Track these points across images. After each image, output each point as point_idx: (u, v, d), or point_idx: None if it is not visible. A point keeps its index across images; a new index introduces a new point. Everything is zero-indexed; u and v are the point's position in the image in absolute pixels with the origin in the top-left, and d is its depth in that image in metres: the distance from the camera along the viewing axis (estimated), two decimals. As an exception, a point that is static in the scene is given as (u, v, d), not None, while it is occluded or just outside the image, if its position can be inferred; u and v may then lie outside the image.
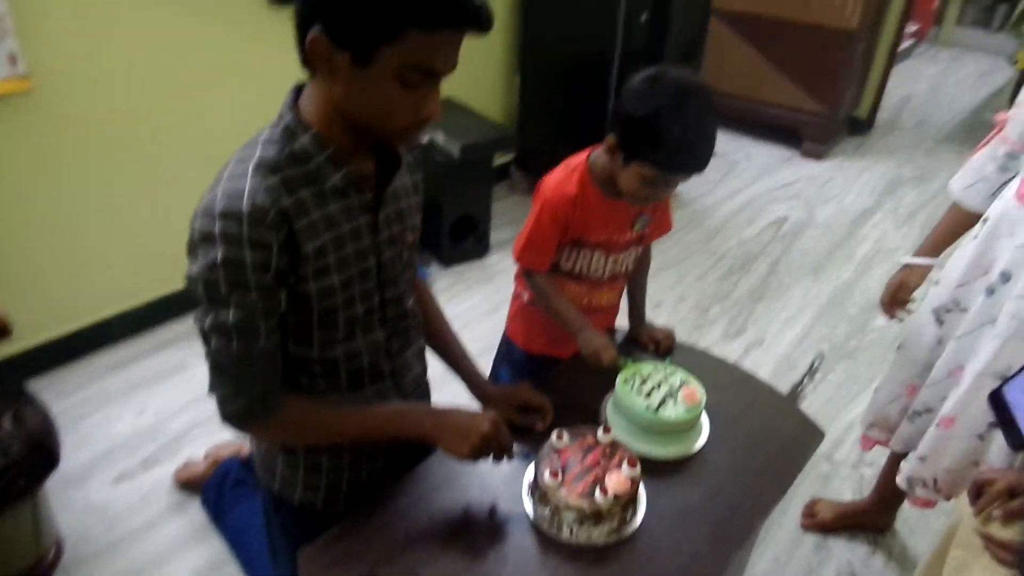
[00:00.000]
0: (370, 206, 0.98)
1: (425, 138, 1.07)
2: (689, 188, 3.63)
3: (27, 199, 1.98)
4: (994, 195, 1.38)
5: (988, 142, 1.40)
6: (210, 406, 0.91)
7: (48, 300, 2.12)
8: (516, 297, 1.53)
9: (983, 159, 1.40)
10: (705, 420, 1.27)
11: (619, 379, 1.27)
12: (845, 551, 1.80)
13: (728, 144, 4.20)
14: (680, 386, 1.26)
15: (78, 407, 2.05)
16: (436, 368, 1.26)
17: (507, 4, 3.06)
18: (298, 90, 0.95)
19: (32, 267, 2.04)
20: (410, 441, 1.07)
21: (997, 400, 1.02)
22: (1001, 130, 1.37)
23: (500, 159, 3.31)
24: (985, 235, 1.36)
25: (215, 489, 1.70)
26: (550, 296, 1.39)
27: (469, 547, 1.05)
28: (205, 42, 2.20)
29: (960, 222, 1.46)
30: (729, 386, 1.40)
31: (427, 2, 0.78)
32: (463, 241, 2.82)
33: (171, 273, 2.40)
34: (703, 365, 1.41)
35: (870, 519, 1.82)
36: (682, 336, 1.52)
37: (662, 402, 1.22)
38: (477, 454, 1.03)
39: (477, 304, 2.56)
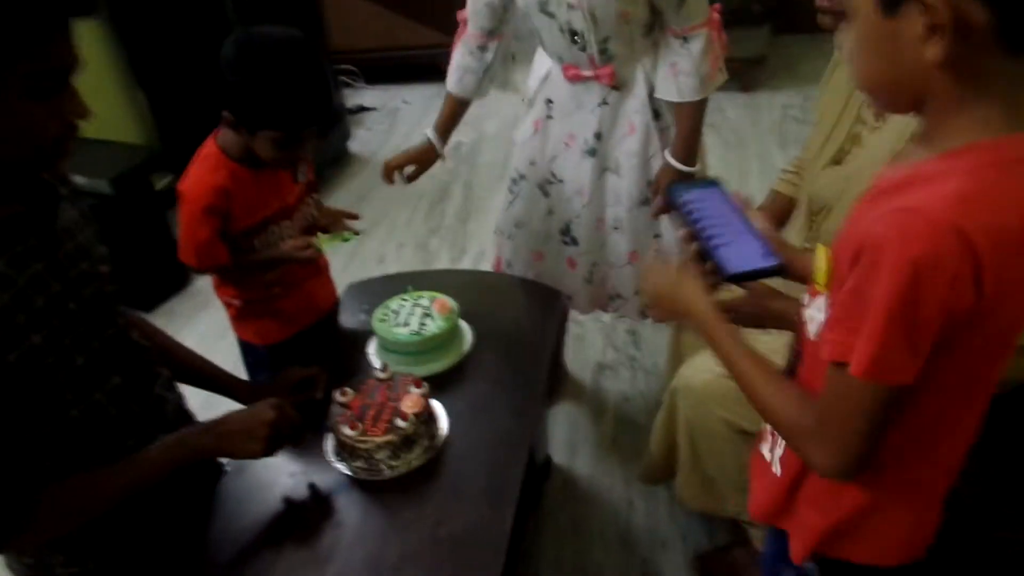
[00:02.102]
0: (40, 250, 0.87)
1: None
2: (363, 147, 3.68)
3: None
4: (482, 79, 1.66)
5: (457, 41, 1.65)
6: None
7: None
8: (228, 306, 1.45)
9: (462, 56, 1.65)
10: (465, 325, 1.38)
11: (374, 320, 1.32)
12: (613, 394, 2.09)
13: (384, 96, 4.30)
14: (431, 303, 1.34)
15: None
16: (198, 396, 1.17)
17: (94, 28, 2.72)
18: None
19: None
20: (198, 461, 1.00)
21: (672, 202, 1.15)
22: (465, 27, 1.63)
23: (161, 182, 3.02)
24: (559, 114, 1.62)
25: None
26: (246, 265, 1.33)
27: (307, 533, 1.04)
28: None
29: (457, 110, 1.72)
30: (471, 287, 1.52)
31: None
32: (158, 277, 2.57)
33: None
34: (442, 280, 1.51)
35: None
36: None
37: (421, 323, 1.30)
38: (271, 445, 1.01)
39: (204, 332, 2.38)
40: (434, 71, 4.33)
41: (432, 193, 3.17)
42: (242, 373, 1.51)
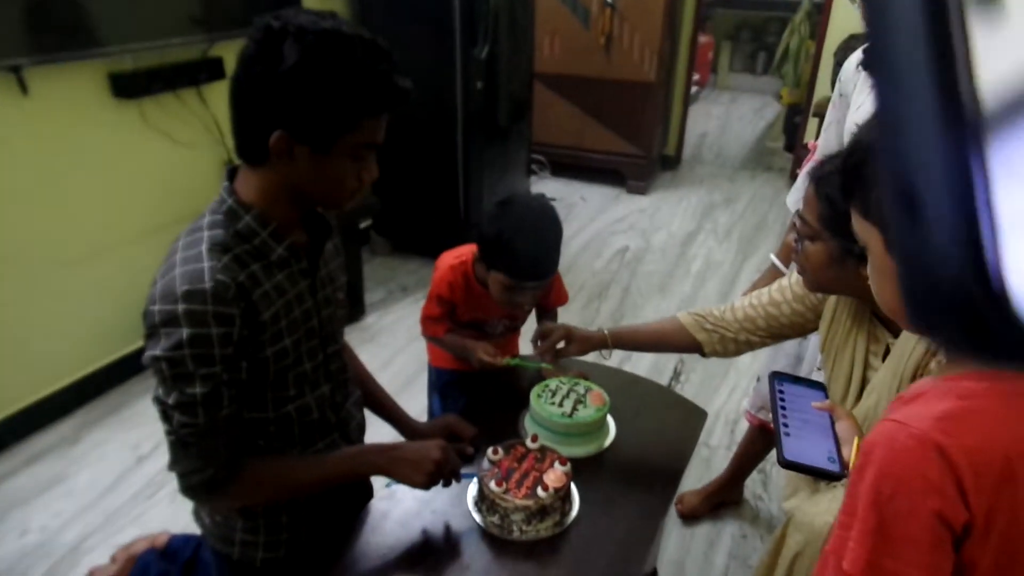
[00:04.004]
0: (307, 271, 1.09)
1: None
2: (538, 232, 3.94)
3: None
4: None
5: (806, 164, 1.78)
6: (102, 511, 0.91)
7: None
8: (424, 336, 1.69)
9: (804, 178, 1.75)
10: (610, 419, 1.47)
11: (532, 395, 1.44)
12: (731, 525, 2.06)
13: (563, 190, 4.61)
14: (586, 392, 1.45)
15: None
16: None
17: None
18: (230, 174, 1.04)
19: None
20: (365, 477, 1.15)
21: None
22: (813, 154, 1.75)
23: (364, 222, 3.42)
24: None
25: (135, 589, 1.63)
26: (445, 343, 1.61)
27: (433, 566, 1.15)
28: (52, 145, 2.16)
29: None
30: (622, 388, 1.61)
31: (375, 95, 0.93)
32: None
33: (34, 381, 2.26)
34: (596, 373, 1.62)
35: (726, 494, 2.11)
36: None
37: (574, 407, 1.41)
38: (432, 480, 1.14)
39: (366, 363, 2.62)
40: (612, 175, 4.61)
41: (591, 288, 3.32)
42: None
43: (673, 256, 3.73)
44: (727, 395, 2.59)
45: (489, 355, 1.49)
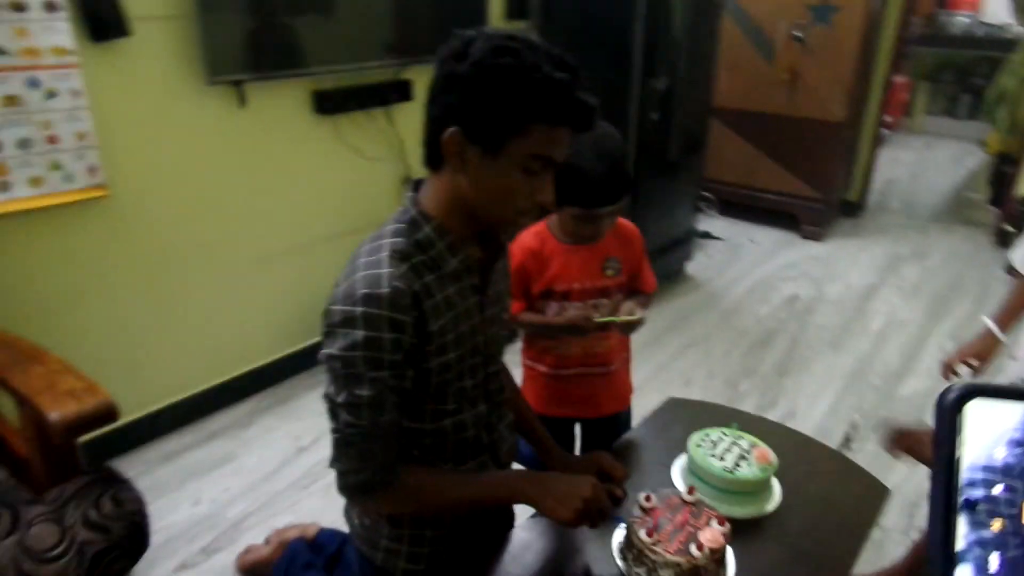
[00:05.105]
0: (478, 287, 1.09)
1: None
2: (699, 271, 3.78)
3: (89, 295, 2.08)
4: None
5: None
6: (263, 493, 0.94)
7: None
8: (526, 367, 1.65)
9: None
10: (775, 482, 1.34)
11: (691, 443, 1.35)
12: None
13: (731, 229, 4.41)
14: (750, 448, 1.34)
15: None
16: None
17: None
18: (415, 185, 1.07)
19: (94, 361, 2.11)
20: (512, 504, 1.13)
21: None
22: None
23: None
24: None
25: (282, 574, 1.72)
26: (523, 320, 1.52)
27: (572, 608, 1.10)
28: (261, 152, 2.38)
29: None
30: (790, 449, 1.47)
31: (549, 101, 0.91)
32: (494, 327, 2.92)
33: (220, 364, 2.48)
34: (761, 429, 1.49)
35: None
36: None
37: (736, 463, 1.30)
38: (580, 518, 1.08)
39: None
40: (785, 218, 4.35)
41: (755, 335, 3.13)
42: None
43: (850, 310, 3.43)
44: (907, 471, 2.30)
45: (579, 317, 1.43)
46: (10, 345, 1.48)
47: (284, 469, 2.21)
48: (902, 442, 1.34)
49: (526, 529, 1.25)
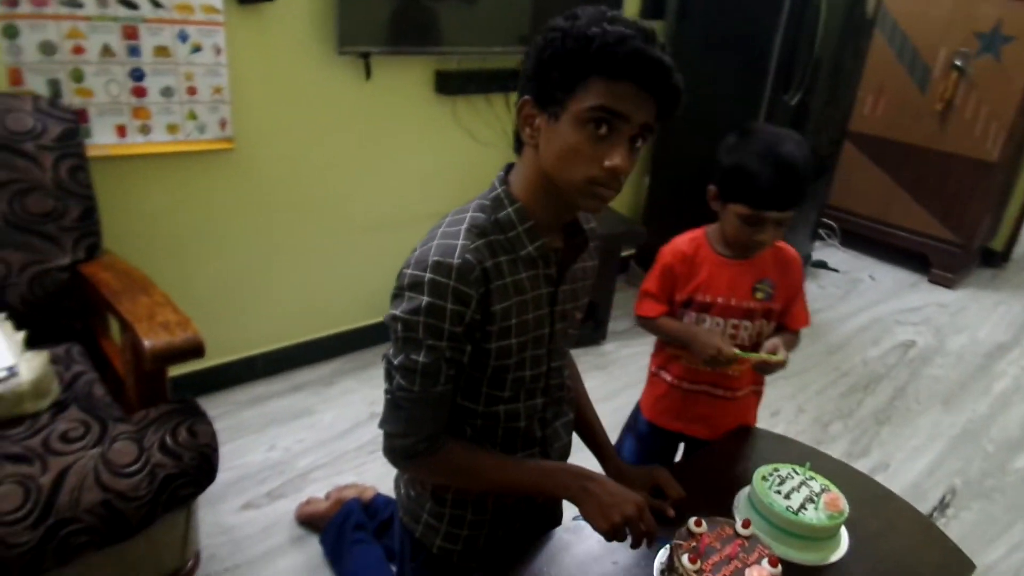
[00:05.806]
0: (553, 279, 1.07)
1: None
2: (809, 300, 3.57)
3: (205, 240, 2.23)
4: None
5: None
6: (332, 450, 0.96)
7: (208, 334, 2.33)
8: (651, 372, 1.60)
9: None
10: (843, 532, 1.25)
11: (757, 476, 1.27)
12: None
13: (852, 262, 4.13)
14: (821, 492, 1.25)
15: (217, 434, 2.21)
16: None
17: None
18: (508, 168, 1.07)
19: (202, 302, 2.27)
20: (554, 498, 1.10)
21: None
22: None
23: (626, 251, 3.42)
24: None
25: (336, 529, 1.78)
26: (661, 326, 1.46)
27: (601, 620, 1.06)
28: (379, 125, 2.46)
29: None
30: (868, 501, 1.36)
31: (606, 54, 0.87)
32: (582, 326, 2.88)
33: (313, 322, 2.60)
34: (840, 474, 1.38)
35: None
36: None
37: (802, 505, 1.21)
38: (614, 532, 1.04)
39: (592, 389, 2.58)
40: (914, 258, 4.02)
41: (858, 377, 2.92)
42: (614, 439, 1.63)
43: (971, 367, 3.13)
44: (1006, 550, 2.08)
45: (712, 344, 1.34)
46: (127, 274, 1.61)
47: (356, 431, 2.29)
48: None
49: (569, 531, 1.22)
